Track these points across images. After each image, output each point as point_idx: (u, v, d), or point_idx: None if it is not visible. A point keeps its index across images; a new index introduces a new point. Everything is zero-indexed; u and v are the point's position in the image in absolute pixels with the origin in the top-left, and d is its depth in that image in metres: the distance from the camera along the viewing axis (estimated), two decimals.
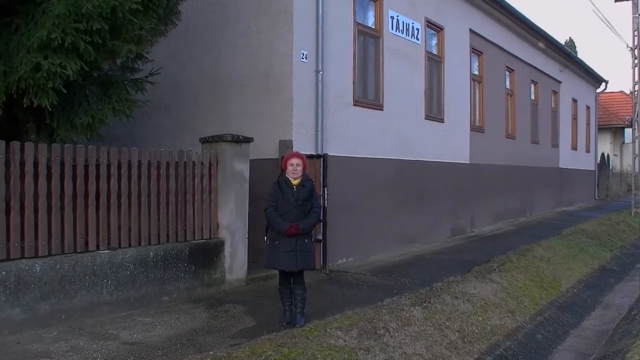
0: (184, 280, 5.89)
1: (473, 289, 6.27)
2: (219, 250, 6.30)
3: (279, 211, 4.96)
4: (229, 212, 6.42)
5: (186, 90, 8.72)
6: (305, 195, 4.99)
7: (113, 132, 9.18)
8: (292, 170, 5.01)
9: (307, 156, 7.01)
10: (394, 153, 9.47)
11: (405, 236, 9.70)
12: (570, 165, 19.01)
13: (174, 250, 5.84)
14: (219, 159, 6.42)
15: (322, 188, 7.25)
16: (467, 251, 9.43)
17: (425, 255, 9.05)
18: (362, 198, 8.63)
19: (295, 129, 7.44)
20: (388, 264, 8.24)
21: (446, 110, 11.16)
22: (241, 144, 6.53)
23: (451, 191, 11.28)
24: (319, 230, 7.30)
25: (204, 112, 8.48)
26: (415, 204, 10.02)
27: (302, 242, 4.94)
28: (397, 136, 9.56)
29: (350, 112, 8.46)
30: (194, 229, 6.17)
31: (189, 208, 6.16)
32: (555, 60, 17.32)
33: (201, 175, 6.27)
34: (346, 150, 8.35)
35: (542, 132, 16.50)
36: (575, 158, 19.51)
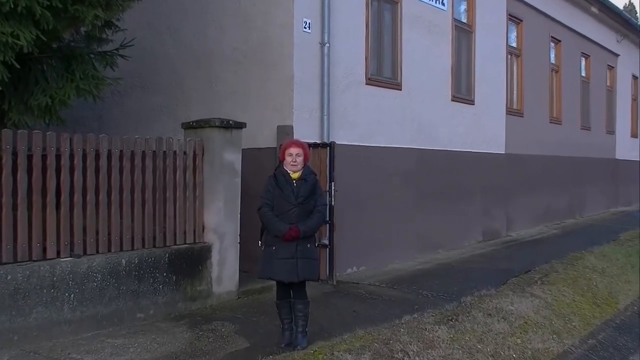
0: (162, 294, 5.90)
1: (510, 305, 6.25)
2: (204, 257, 6.31)
3: (275, 210, 4.95)
4: (217, 211, 6.43)
5: (165, 66, 8.71)
6: (307, 192, 4.98)
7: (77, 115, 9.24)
8: (292, 162, 5.00)
9: (310, 145, 7.01)
10: (414, 141, 9.45)
11: (428, 241, 9.69)
12: (630, 157, 18.86)
13: (151, 257, 5.84)
14: (205, 148, 6.42)
15: (328, 183, 7.24)
16: (503, 259, 9.40)
17: (452, 263, 9.03)
18: (376, 195, 8.63)
19: (296, 112, 7.43)
20: (407, 273, 8.23)
21: (477, 90, 11.10)
22: (232, 131, 6.54)
23: (483, 187, 11.25)
24: (325, 234, 7.30)
25: (187, 92, 8.47)
26: (439, 202, 10.00)
27: (304, 247, 4.95)
28: (418, 121, 9.53)
29: (362, 92, 8.44)
30: (175, 231, 6.18)
31: (169, 207, 6.16)
32: (611, 28, 17.16)
33: (184, 168, 6.28)
34: (357, 138, 8.33)
35: (594, 116, 16.39)
36: (635, 147, 19.37)
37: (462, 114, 10.68)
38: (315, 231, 5.08)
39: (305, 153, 5.08)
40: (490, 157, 11.51)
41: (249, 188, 6.87)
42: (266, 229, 5.02)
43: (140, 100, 8.97)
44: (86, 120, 9.34)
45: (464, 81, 10.82)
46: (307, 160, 5.12)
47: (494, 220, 11.65)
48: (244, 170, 6.71)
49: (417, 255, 9.34)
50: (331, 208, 7.21)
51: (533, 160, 13.18)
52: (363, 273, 8.17)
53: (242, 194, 6.67)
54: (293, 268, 4.89)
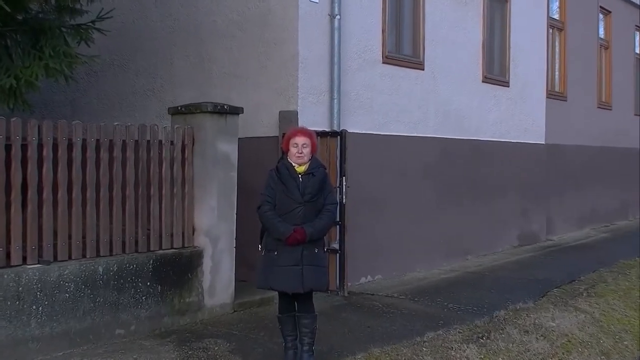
0: (146, 306, 5.89)
1: (550, 321, 6.23)
2: (195, 264, 6.30)
3: (278, 210, 4.94)
4: (209, 210, 6.42)
5: (150, 42, 8.70)
6: (315, 188, 4.96)
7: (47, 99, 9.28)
8: (297, 153, 4.98)
9: (319, 133, 6.96)
10: (439, 129, 9.42)
11: (455, 245, 9.67)
12: None
13: (133, 264, 5.83)
14: (195, 137, 6.41)
15: (338, 177, 7.23)
16: (542, 267, 9.38)
17: (483, 271, 9.02)
18: (394, 192, 8.61)
19: (302, 95, 7.41)
20: (430, 283, 8.23)
21: (513, 70, 11.03)
22: (226, 117, 6.52)
23: (519, 184, 11.21)
24: (335, 237, 7.29)
25: (175, 72, 8.46)
26: (468, 201, 9.98)
27: (311, 252, 4.94)
28: (443, 106, 9.50)
29: (379, 72, 8.41)
30: (161, 234, 6.17)
31: (154, 205, 6.15)
32: None
33: (171, 160, 6.26)
34: (372, 126, 8.32)
35: None
36: None
37: (494, 98, 10.64)
38: (324, 234, 5.07)
39: (313, 143, 5.06)
40: (528, 148, 11.46)
41: (246, 184, 6.84)
42: (267, 231, 5.00)
43: (120, 81, 8.97)
44: (57, 105, 9.35)
45: (497, 60, 10.76)
46: (314, 152, 5.11)
47: (531, 221, 11.61)
48: (241, 163, 6.70)
49: (442, 262, 9.33)
50: (342, 207, 7.19)
51: (578, 151, 13.12)
52: (379, 283, 8.15)
53: (239, 190, 6.65)
54: (298, 277, 4.88)
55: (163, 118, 7.60)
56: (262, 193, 5.01)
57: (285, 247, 4.88)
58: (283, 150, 5.14)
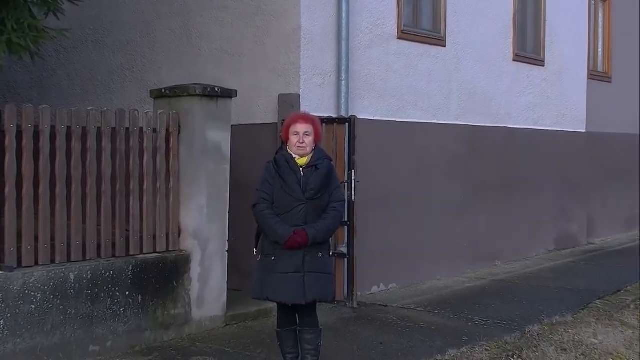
0: (124, 319, 5.88)
1: (592, 337, 6.21)
2: (181, 271, 6.30)
3: (276, 208, 4.94)
4: (197, 209, 6.42)
5: (130, 15, 8.68)
6: (319, 183, 4.95)
7: (9, 80, 9.25)
8: (298, 143, 4.97)
9: (324, 120, 6.99)
10: (463, 116, 9.41)
11: (481, 250, 9.66)
12: None
13: (109, 270, 5.82)
14: (182, 125, 6.40)
15: (346, 171, 7.22)
16: (582, 275, 9.36)
17: (514, 279, 9.01)
18: (411, 187, 8.60)
19: (305, 76, 7.40)
20: (452, 293, 8.22)
21: (549, 47, 10.99)
22: (218, 101, 6.52)
23: (556, 178, 11.18)
24: (342, 239, 7.28)
25: (158, 49, 8.45)
26: (496, 198, 9.95)
27: (314, 258, 4.93)
28: (468, 89, 9.47)
29: (393, 49, 8.39)
30: (142, 236, 6.17)
31: (134, 203, 6.14)
32: None
33: (153, 150, 6.24)
34: (386, 111, 8.30)
35: None
36: None
37: (527, 79, 10.60)
38: (329, 236, 5.07)
39: (317, 131, 5.05)
40: (566, 137, 11.43)
41: (241, 178, 6.82)
42: (263, 232, 5.00)
43: (95, 60, 8.95)
44: (22, 87, 9.34)
45: (530, 35, 10.72)
46: (318, 141, 5.10)
47: (570, 222, 11.57)
48: (234, 154, 6.68)
49: (467, 269, 9.33)
50: (351, 205, 7.17)
51: (624, 141, 13.07)
52: (393, 292, 8.15)
53: (232, 186, 6.64)
54: (299, 286, 4.87)
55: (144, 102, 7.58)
56: (257, 189, 5.00)
57: (285, 252, 4.87)
58: (282, 140, 5.13)
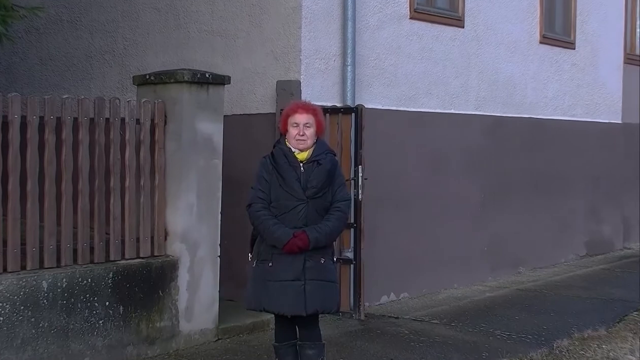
0: (104, 333, 5.84)
1: (629, 354, 6.18)
2: (167, 279, 6.28)
3: (274, 209, 4.94)
4: (186, 209, 6.41)
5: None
6: (322, 180, 4.94)
7: None
8: (298, 135, 4.96)
9: (327, 110, 6.98)
10: (484, 105, 9.40)
11: (504, 255, 9.65)
12: None
13: (87, 278, 5.79)
14: (168, 115, 6.40)
15: (352, 167, 7.21)
16: (617, 283, 9.33)
17: (540, 289, 9.00)
18: (425, 185, 8.59)
19: (306, 60, 7.40)
20: (472, 304, 8.22)
21: (580, 28, 10.97)
22: (209, 88, 6.51)
23: (588, 176, 11.15)
24: (348, 243, 7.27)
25: (143, 30, 8.44)
26: (521, 198, 9.94)
27: (317, 263, 4.93)
28: (490, 74, 9.46)
29: (405, 30, 8.39)
30: (124, 239, 6.16)
31: (115, 202, 6.12)
32: None
33: (137, 143, 6.24)
34: (397, 100, 8.29)
35: None
36: None
37: (556, 64, 10.59)
38: (333, 239, 5.06)
39: (319, 122, 5.04)
40: (600, 128, 11.39)
41: (235, 175, 6.81)
42: (259, 235, 5.00)
43: (71, 42, 8.94)
44: None
45: (559, 14, 10.70)
46: (321, 133, 5.09)
47: (603, 224, 11.54)
48: (227, 148, 6.67)
49: (488, 277, 9.33)
50: (357, 204, 7.17)
51: None
52: (405, 302, 8.15)
53: (225, 183, 6.63)
54: (299, 295, 4.86)
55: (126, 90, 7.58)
56: (252, 187, 5.00)
57: (283, 257, 4.87)
58: (281, 132, 5.12)
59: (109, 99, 6.17)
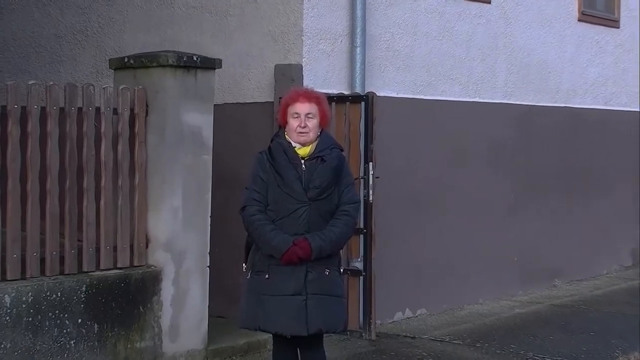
0: (76, 354, 5.82)
1: None
2: (149, 292, 6.30)
3: (271, 212, 4.95)
4: (170, 212, 6.44)
5: None
6: (326, 179, 4.95)
7: None
8: (299, 127, 4.97)
9: (333, 98, 6.99)
10: (513, 93, 9.41)
11: (536, 265, 9.64)
12: None
13: (56, 291, 5.78)
14: (150, 104, 6.43)
15: (362, 164, 7.22)
16: None
17: (579, 304, 8.99)
18: (445, 185, 8.61)
19: (309, 41, 7.41)
20: (499, 322, 8.23)
21: (625, 3, 10.98)
22: (197, 73, 6.54)
23: (634, 173, 11.14)
24: (356, 252, 7.28)
25: (120, 7, 8.43)
26: (556, 198, 9.94)
27: (321, 275, 4.95)
28: (520, 57, 9.47)
29: (422, 6, 8.41)
30: (98, 247, 6.17)
31: (88, 205, 6.13)
32: None
33: (114, 137, 6.26)
34: (413, 87, 8.30)
35: None
36: None
37: (597, 45, 10.59)
38: (339, 247, 5.07)
39: (323, 112, 5.04)
40: None
41: (226, 173, 6.84)
42: (255, 243, 5.00)
43: (38, 20, 8.93)
44: None
45: None
46: (325, 125, 5.11)
47: None
48: (218, 142, 6.69)
49: (517, 291, 9.33)
50: (368, 207, 7.17)
51: None
52: (423, 320, 8.16)
53: (216, 183, 6.65)
54: (300, 312, 4.87)
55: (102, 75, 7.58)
56: (247, 187, 5.00)
57: (282, 268, 4.87)
58: (279, 123, 5.13)
59: (82, 85, 6.15)
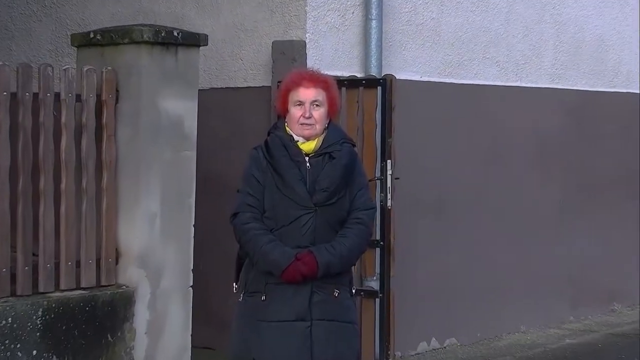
0: None
1: None
2: (119, 318, 6.36)
3: (269, 220, 4.96)
4: (146, 220, 6.50)
5: None
6: (336, 180, 4.95)
7: None
8: (303, 118, 4.96)
9: (344, 82, 7.02)
10: (563, 75, 9.48)
11: (591, 285, 9.69)
12: None
13: (6, 316, 5.83)
14: (121, 89, 6.53)
15: (378, 162, 7.24)
16: None
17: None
18: (479, 188, 8.68)
19: (314, 12, 7.46)
20: (546, 354, 8.29)
21: None
22: (177, 52, 6.62)
23: None
24: (372, 269, 7.28)
25: None
26: (615, 204, 9.99)
27: (328, 297, 4.96)
28: (571, 32, 9.54)
29: None
30: (58, 263, 6.22)
31: (46, 212, 6.20)
32: None
33: (77, 129, 6.33)
34: (440, 68, 8.39)
35: None
36: None
37: None
38: (351, 264, 5.09)
39: (332, 99, 5.03)
40: None
41: (214, 172, 6.92)
42: (248, 258, 4.99)
43: None
44: None
45: None
46: (334, 115, 5.13)
47: None
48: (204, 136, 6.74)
49: (568, 316, 9.41)
50: (385, 215, 7.19)
51: None
52: (452, 351, 8.24)
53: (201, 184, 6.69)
54: (304, 341, 4.88)
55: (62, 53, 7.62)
56: (239, 190, 5.00)
57: (282, 288, 4.87)
58: (278, 113, 5.14)
59: (38, 66, 6.19)
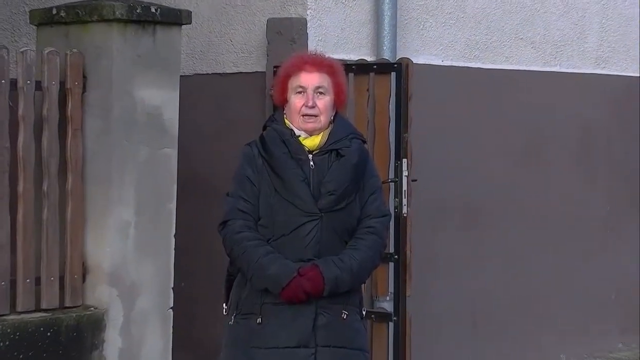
0: None
1: None
2: (87, 346, 6.45)
3: (264, 229, 4.98)
4: (118, 230, 6.56)
5: None
6: (344, 182, 4.97)
7: None
8: (305, 108, 4.98)
9: (352, 66, 7.06)
10: (609, 60, 9.53)
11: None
12: None
13: None
14: (89, 75, 6.62)
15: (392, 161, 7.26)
16: None
17: None
18: (509, 190, 8.77)
19: None
20: None
21: None
22: (155, 31, 6.71)
23: None
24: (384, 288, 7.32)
25: None
26: None
27: (335, 320, 4.99)
28: (619, 10, 9.60)
29: None
30: (14, 281, 6.32)
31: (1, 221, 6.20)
32: None
33: (37, 122, 6.40)
34: (463, 52, 8.46)
35: None
36: None
37: None
38: (362, 280, 5.16)
39: (339, 87, 5.07)
40: None
41: (200, 173, 6.98)
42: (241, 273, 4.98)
43: None
44: None
45: None
46: (341, 105, 5.15)
47: None
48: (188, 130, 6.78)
49: (617, 342, 9.50)
50: (401, 223, 7.19)
51: None
52: None
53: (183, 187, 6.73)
54: None
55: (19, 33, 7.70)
56: (229, 194, 5.00)
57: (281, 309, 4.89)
58: (276, 103, 5.14)
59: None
